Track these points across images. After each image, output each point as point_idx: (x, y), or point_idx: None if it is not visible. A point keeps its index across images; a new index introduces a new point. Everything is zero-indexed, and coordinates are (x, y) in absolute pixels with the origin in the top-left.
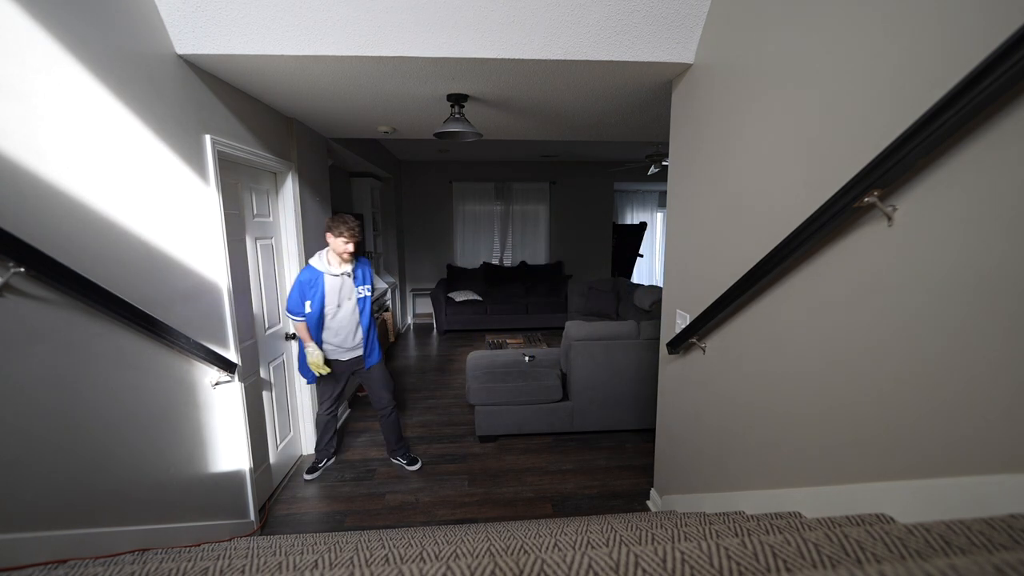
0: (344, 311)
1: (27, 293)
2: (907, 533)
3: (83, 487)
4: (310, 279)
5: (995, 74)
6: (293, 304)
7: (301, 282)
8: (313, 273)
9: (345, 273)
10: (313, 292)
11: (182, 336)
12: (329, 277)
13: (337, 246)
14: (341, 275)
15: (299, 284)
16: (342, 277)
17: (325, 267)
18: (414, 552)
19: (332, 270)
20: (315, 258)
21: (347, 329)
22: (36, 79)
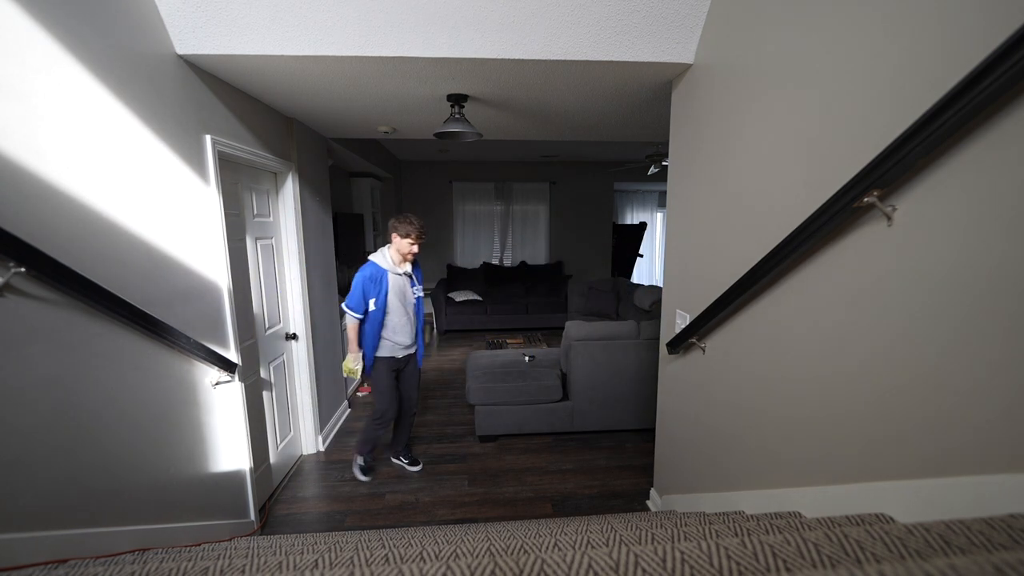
0: (404, 310)
1: (27, 293)
2: (907, 533)
3: (83, 487)
4: (374, 276)
5: (995, 74)
6: (355, 302)
7: (364, 278)
8: (377, 270)
9: (406, 273)
10: (377, 290)
11: (182, 336)
12: (392, 275)
13: (403, 247)
14: (403, 275)
15: (362, 281)
16: (403, 277)
17: (389, 265)
18: (414, 552)
19: (395, 269)
20: (378, 255)
21: (406, 328)
22: (36, 79)
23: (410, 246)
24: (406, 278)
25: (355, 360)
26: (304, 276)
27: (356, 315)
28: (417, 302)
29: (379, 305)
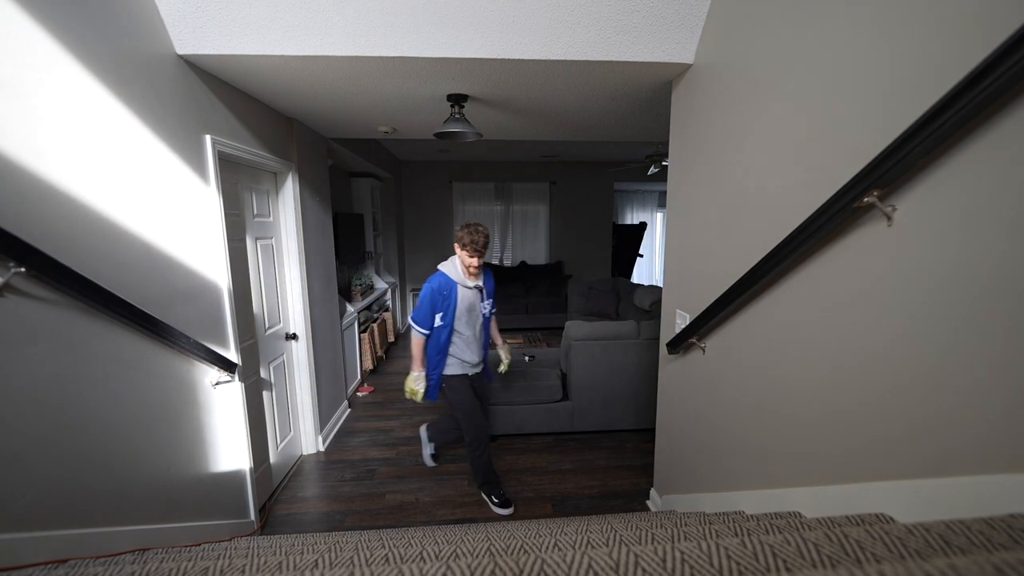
0: (472, 327)
1: (27, 293)
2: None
3: (83, 487)
4: (442, 288)
5: (995, 74)
6: (421, 316)
7: (433, 290)
8: (446, 282)
9: (477, 287)
10: (445, 304)
11: (182, 336)
12: (462, 288)
13: (463, 259)
14: (474, 288)
15: (431, 293)
16: (474, 291)
17: (459, 277)
18: (414, 552)
19: (466, 282)
20: (447, 265)
21: (473, 346)
22: (36, 79)
23: (469, 259)
24: (476, 292)
25: (417, 380)
26: (304, 276)
27: (422, 331)
28: (487, 319)
29: (446, 321)
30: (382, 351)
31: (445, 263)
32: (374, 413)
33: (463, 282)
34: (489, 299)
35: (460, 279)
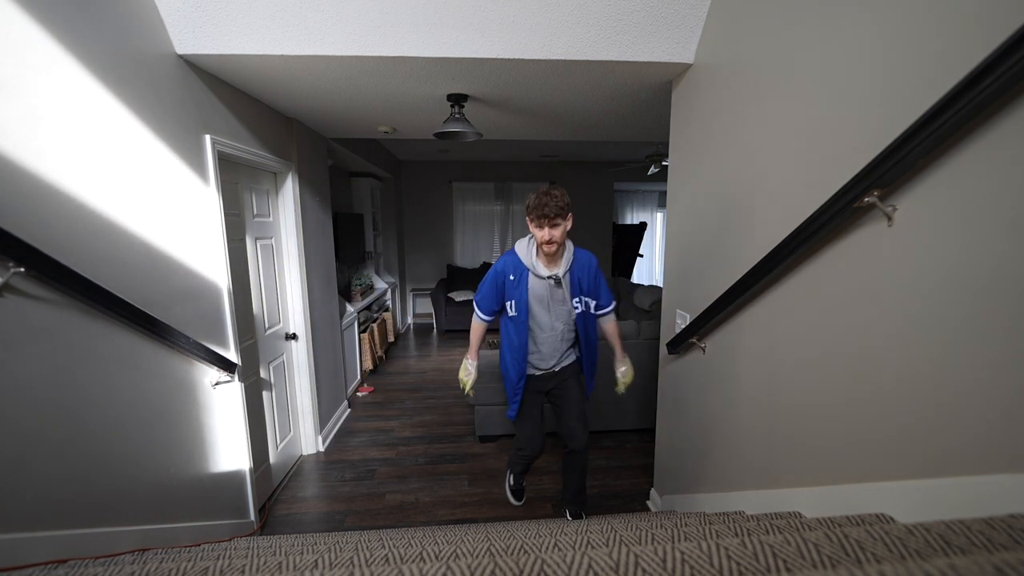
0: (551, 324)
1: (27, 293)
2: (907, 533)
3: (83, 487)
4: (507, 269)
5: (995, 74)
6: (480, 295)
7: (496, 271)
8: (514, 263)
9: (552, 278)
10: (516, 291)
11: (182, 336)
12: (533, 278)
13: (536, 235)
14: (548, 279)
15: (493, 274)
16: (548, 282)
17: (530, 262)
18: (414, 552)
19: (537, 268)
20: (522, 242)
21: (549, 346)
22: (36, 78)
23: (536, 230)
24: (552, 284)
25: (467, 370)
26: (304, 276)
27: (481, 316)
28: (580, 319)
29: (520, 311)
30: (382, 351)
31: (520, 241)
32: (374, 413)
33: (533, 268)
34: (584, 295)
35: (530, 263)
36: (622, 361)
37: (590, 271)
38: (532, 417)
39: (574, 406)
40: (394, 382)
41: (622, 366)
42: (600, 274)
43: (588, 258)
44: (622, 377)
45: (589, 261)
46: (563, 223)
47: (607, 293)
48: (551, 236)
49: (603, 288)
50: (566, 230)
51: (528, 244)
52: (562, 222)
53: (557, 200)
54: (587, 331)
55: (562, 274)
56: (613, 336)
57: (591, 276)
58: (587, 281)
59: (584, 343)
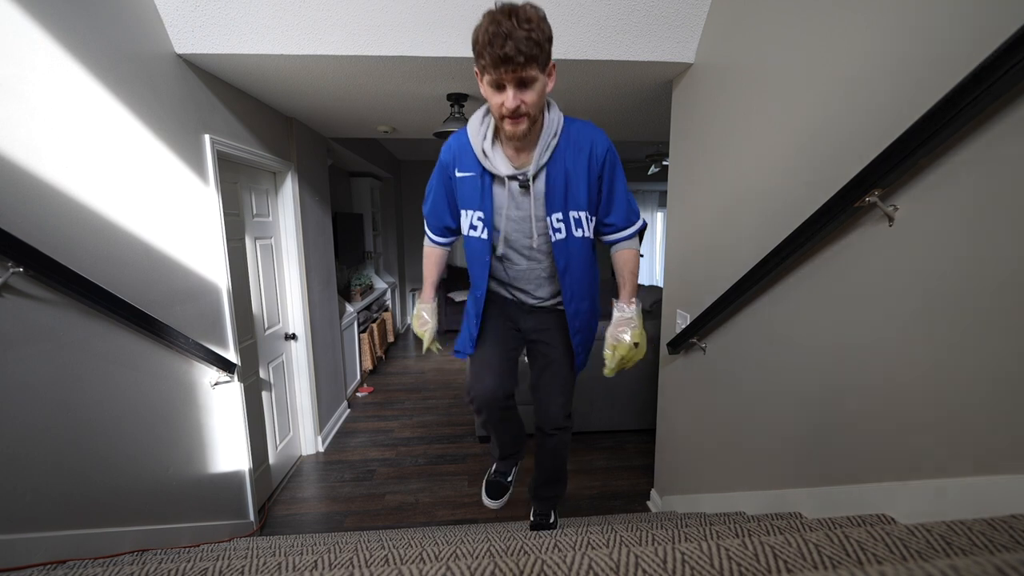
0: (527, 262)
1: (26, 293)
2: (908, 534)
3: (82, 487)
4: (456, 159)
5: (996, 74)
6: (430, 211)
7: (441, 165)
8: (467, 150)
9: (518, 179)
10: (472, 195)
11: (181, 336)
12: (496, 178)
13: (488, 96)
14: (519, 179)
15: (438, 170)
16: (509, 186)
17: (483, 149)
18: (414, 553)
19: (495, 163)
20: (477, 116)
21: (527, 279)
22: (35, 78)
23: (494, 94)
24: (518, 190)
25: (422, 318)
26: (303, 276)
27: (430, 236)
28: (561, 246)
29: (486, 229)
30: (382, 351)
31: (478, 111)
32: (374, 413)
33: (486, 161)
34: (576, 208)
35: (481, 150)
36: (625, 314)
37: (594, 161)
38: (491, 345)
39: (555, 369)
40: (394, 382)
41: (623, 326)
42: (616, 169)
43: (591, 137)
44: (615, 341)
45: (593, 142)
46: (540, 77)
47: (625, 203)
48: (517, 103)
49: (619, 194)
50: (546, 91)
51: (483, 119)
52: (538, 75)
53: (526, 30)
54: (573, 273)
55: (534, 171)
56: (624, 272)
57: (594, 171)
58: (584, 180)
59: (568, 296)
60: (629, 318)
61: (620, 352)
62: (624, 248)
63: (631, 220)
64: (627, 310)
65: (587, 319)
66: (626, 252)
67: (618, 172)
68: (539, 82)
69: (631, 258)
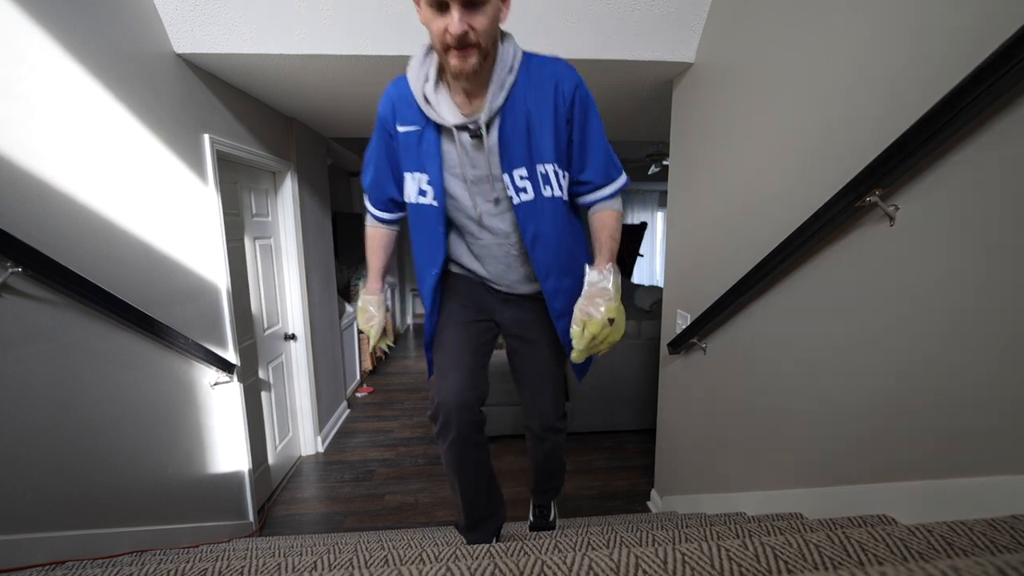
0: (492, 233)
1: (25, 293)
2: (909, 534)
3: (81, 488)
4: (395, 110)
5: (996, 74)
6: (372, 180)
7: (380, 120)
8: (407, 100)
9: (469, 127)
10: (416, 154)
11: (181, 336)
12: (443, 130)
13: (427, 20)
14: (458, 131)
15: (378, 125)
16: (459, 139)
17: (424, 94)
18: (414, 553)
19: (439, 110)
20: (416, 57)
21: (494, 258)
22: (34, 78)
23: (434, 17)
24: (470, 143)
25: (367, 312)
26: (303, 276)
27: (371, 210)
28: (526, 208)
29: (436, 194)
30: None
31: (418, 51)
32: (373, 414)
33: (429, 107)
34: (541, 160)
35: (422, 95)
36: (599, 283)
37: (561, 100)
38: (457, 337)
39: (541, 367)
40: (393, 382)
41: (596, 297)
42: (590, 112)
43: (555, 72)
44: (585, 316)
45: (558, 78)
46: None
47: (603, 155)
48: (464, 28)
49: (594, 143)
50: (499, 20)
51: (424, 58)
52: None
53: None
54: (545, 242)
55: (487, 117)
56: (601, 234)
57: (562, 113)
58: (550, 125)
59: (543, 272)
60: (604, 288)
61: (591, 330)
62: (603, 209)
63: (611, 176)
64: (601, 277)
65: (573, 298)
66: (605, 213)
67: (592, 115)
68: (491, 5)
69: (611, 219)
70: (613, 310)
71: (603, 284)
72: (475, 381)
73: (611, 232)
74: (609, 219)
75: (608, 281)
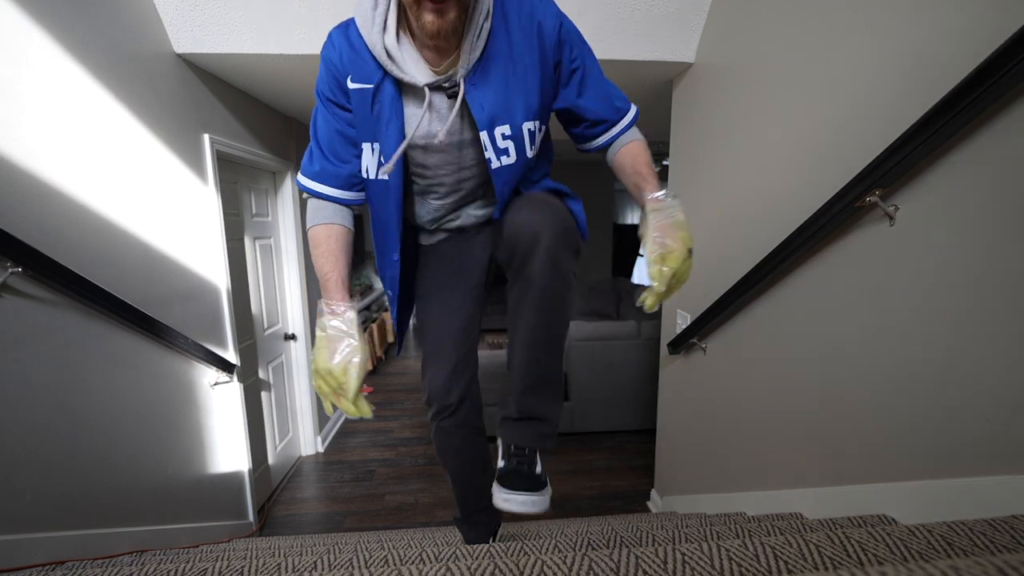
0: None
1: (25, 293)
2: (909, 534)
3: (81, 488)
4: (339, 65)
5: (997, 74)
6: (325, 156)
7: (323, 80)
8: (353, 50)
9: (445, 85)
10: (366, 121)
11: (180, 336)
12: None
13: None
14: (431, 89)
15: (322, 86)
16: (430, 100)
17: (385, 47)
18: (414, 553)
19: (404, 66)
20: (364, 5)
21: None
22: (34, 78)
23: None
24: (446, 104)
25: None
26: (303, 276)
27: (329, 193)
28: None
29: (394, 169)
30: (381, 351)
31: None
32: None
33: (392, 63)
34: (534, 118)
35: (380, 46)
36: (667, 209)
37: (546, 40)
38: (437, 329)
39: (533, 200)
40: (393, 382)
41: (668, 229)
42: (583, 46)
43: (531, 8)
44: (663, 249)
45: (538, 14)
46: None
47: (606, 89)
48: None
49: (594, 77)
50: None
51: (372, 9)
52: None
53: None
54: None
55: (463, 73)
56: (640, 165)
57: (548, 55)
58: (536, 72)
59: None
60: (675, 217)
61: (671, 264)
62: (627, 143)
63: (622, 109)
64: (668, 203)
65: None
66: (631, 145)
67: (585, 50)
68: None
69: (639, 149)
70: (690, 239)
71: (672, 212)
72: (460, 372)
73: (646, 160)
74: (638, 149)
75: (677, 209)
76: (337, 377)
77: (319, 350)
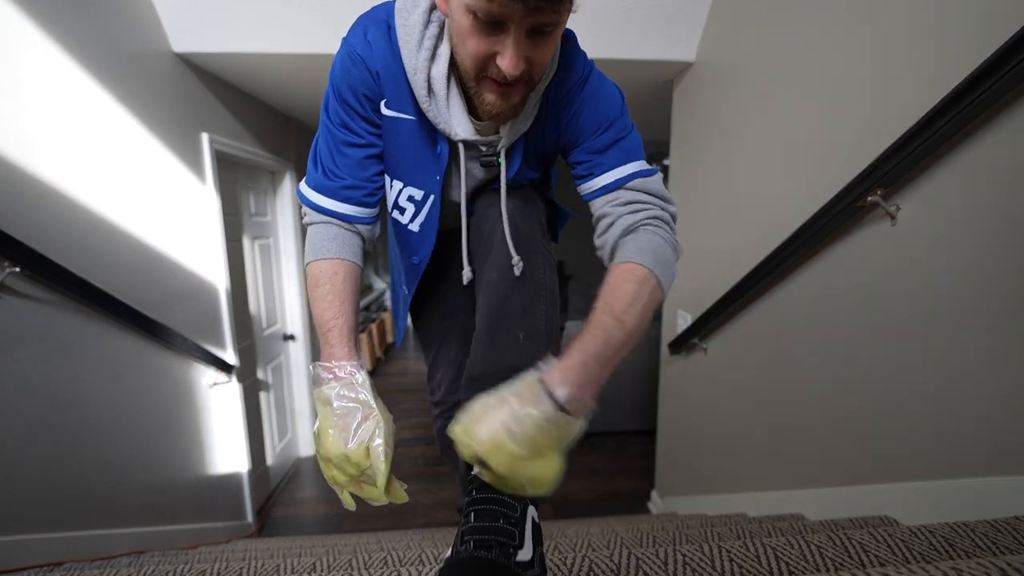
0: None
1: (23, 293)
2: (911, 535)
3: (79, 489)
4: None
5: (997, 74)
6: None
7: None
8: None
9: (482, 148)
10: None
11: (179, 337)
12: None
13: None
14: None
15: (339, 85)
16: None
17: (429, 83)
18: (413, 555)
19: (451, 120)
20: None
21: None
22: (31, 78)
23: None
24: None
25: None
26: (302, 276)
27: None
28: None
29: (425, 219)
30: (381, 352)
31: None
32: None
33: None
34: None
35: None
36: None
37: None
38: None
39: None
40: (392, 383)
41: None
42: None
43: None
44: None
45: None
46: (562, 24)
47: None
48: (522, 66)
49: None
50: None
51: (424, 23)
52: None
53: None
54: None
55: (505, 145)
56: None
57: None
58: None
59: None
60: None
61: (464, 441)
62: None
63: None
64: (533, 387)
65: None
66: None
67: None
68: (559, 28)
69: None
70: (500, 451)
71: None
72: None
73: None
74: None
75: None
76: (358, 464)
77: (324, 432)
